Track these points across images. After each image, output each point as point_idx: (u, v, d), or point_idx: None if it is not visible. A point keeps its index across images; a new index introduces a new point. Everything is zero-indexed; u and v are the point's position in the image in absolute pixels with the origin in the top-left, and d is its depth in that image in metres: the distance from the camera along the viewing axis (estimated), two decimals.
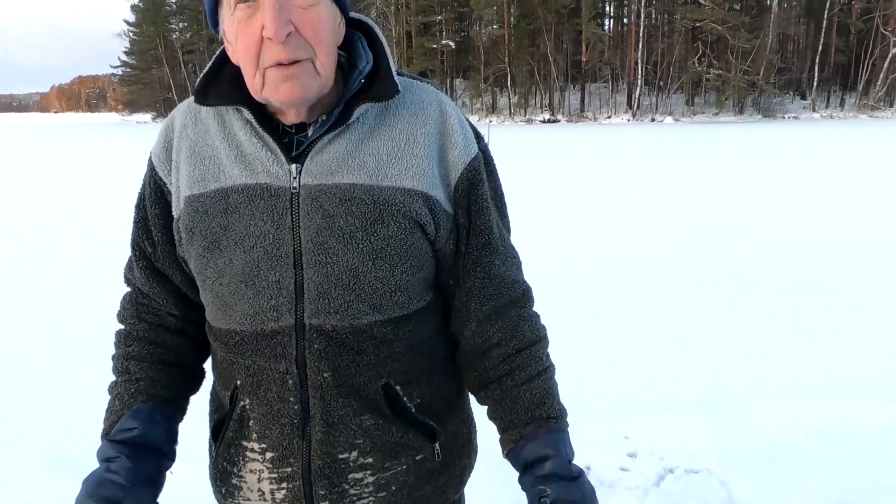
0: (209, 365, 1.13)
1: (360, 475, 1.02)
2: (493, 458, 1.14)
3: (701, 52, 46.94)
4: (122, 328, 1.10)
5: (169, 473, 1.04)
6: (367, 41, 1.01)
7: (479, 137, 1.06)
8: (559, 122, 47.51)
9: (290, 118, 0.97)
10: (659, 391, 3.45)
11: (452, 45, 48.88)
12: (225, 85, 0.98)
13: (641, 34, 48.42)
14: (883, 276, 5.62)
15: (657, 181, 12.37)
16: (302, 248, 0.94)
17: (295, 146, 0.97)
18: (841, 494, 2.51)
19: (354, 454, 1.01)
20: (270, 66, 0.89)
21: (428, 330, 1.05)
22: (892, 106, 45.69)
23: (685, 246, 6.91)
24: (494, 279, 1.04)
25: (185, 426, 1.10)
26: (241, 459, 1.05)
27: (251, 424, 1.03)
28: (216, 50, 1.01)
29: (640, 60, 48.07)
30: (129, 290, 1.12)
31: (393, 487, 1.04)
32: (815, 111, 46.96)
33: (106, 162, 18.62)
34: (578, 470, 0.99)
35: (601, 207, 9.39)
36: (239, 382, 1.02)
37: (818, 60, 47.94)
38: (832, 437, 2.93)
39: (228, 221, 0.95)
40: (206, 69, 1.00)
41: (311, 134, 0.97)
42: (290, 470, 1.02)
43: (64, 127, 55.55)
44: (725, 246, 6.87)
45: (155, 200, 1.04)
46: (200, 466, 1.32)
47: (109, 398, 1.05)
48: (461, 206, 1.01)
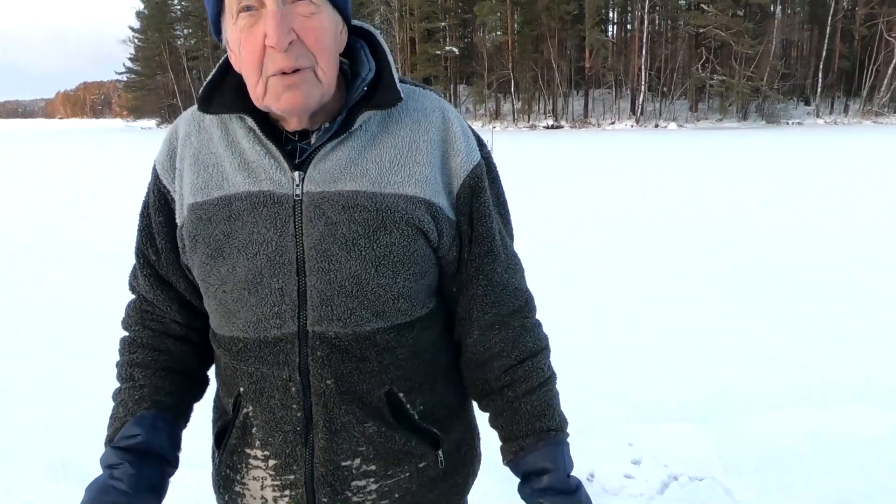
0: (213, 372, 1.14)
1: (363, 483, 1.02)
2: (496, 465, 1.14)
3: (704, 58, 47.01)
4: (126, 335, 1.10)
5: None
6: (369, 49, 1.02)
7: (481, 144, 1.06)
8: (563, 127, 47.59)
9: (292, 125, 0.97)
10: (663, 398, 3.44)
11: (456, 51, 48.91)
12: (228, 93, 0.98)
13: (645, 40, 48.49)
14: (885, 281, 5.61)
15: (661, 187, 12.37)
16: (305, 255, 0.94)
17: (298, 154, 0.97)
18: (846, 502, 2.50)
19: (357, 461, 1.01)
20: (273, 74, 0.89)
21: (431, 337, 1.05)
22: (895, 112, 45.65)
23: (689, 251, 6.91)
24: (497, 287, 1.04)
25: (188, 433, 1.10)
26: (244, 467, 1.05)
27: (254, 432, 1.03)
28: (220, 56, 1.01)
29: (643, 66, 48.14)
30: (133, 297, 1.12)
31: (396, 495, 1.04)
32: (818, 117, 46.92)
33: (109, 166, 18.70)
34: (577, 482, 1.00)
35: (605, 213, 9.39)
36: (242, 389, 1.02)
37: (822, 66, 47.91)
38: (836, 444, 2.91)
39: (232, 229, 0.96)
40: (209, 77, 1.00)
41: (314, 141, 0.97)
42: (293, 477, 1.01)
43: (68, 132, 55.84)
44: (729, 251, 6.86)
45: (159, 208, 1.04)
46: (203, 473, 1.32)
47: (113, 405, 1.05)
48: (463, 213, 1.01)
